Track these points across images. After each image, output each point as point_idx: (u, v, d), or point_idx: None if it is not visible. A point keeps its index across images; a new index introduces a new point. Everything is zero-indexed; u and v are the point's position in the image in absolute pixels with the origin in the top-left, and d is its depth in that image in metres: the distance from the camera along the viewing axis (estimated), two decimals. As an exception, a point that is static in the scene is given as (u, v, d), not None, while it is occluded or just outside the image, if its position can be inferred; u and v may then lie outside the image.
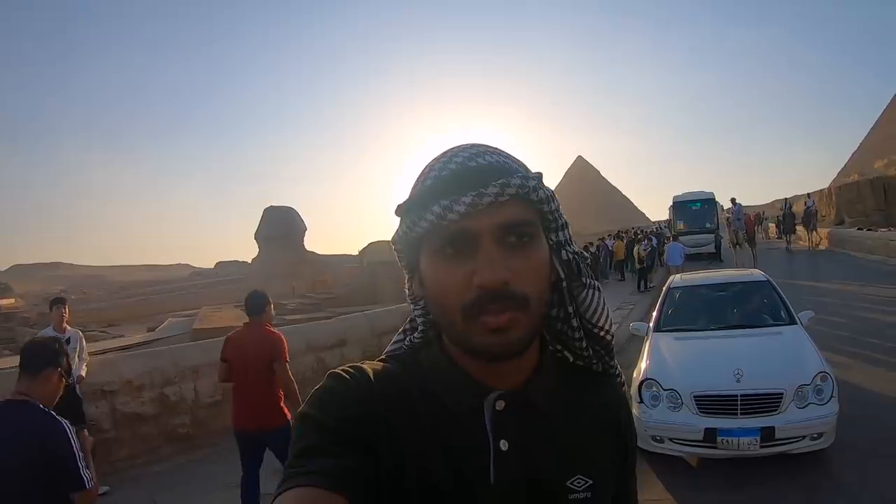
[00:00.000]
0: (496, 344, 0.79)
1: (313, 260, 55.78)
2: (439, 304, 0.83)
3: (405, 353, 0.98)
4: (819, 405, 5.11)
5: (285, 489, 0.73)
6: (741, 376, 5.23)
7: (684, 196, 29.69)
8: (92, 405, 6.53)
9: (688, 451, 5.33)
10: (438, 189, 0.81)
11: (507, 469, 0.84)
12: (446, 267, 0.81)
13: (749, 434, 5.01)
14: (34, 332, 34.64)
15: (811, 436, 5.04)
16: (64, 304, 6.45)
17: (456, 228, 0.79)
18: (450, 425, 0.86)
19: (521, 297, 0.79)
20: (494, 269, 0.77)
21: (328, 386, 0.86)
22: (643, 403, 5.51)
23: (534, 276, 0.82)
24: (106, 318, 41.51)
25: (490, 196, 0.78)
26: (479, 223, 0.79)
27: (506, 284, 0.78)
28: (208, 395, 7.49)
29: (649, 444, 5.44)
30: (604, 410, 1.00)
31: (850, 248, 23.89)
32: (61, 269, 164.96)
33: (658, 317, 7.12)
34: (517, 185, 0.80)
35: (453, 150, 0.87)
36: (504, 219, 0.79)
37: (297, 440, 0.80)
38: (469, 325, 0.80)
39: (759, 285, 7.39)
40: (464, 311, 0.79)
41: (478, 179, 0.79)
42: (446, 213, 0.78)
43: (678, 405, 5.32)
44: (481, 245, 0.79)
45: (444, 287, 0.81)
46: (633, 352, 8.01)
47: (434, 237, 0.82)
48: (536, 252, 0.83)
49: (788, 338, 6.17)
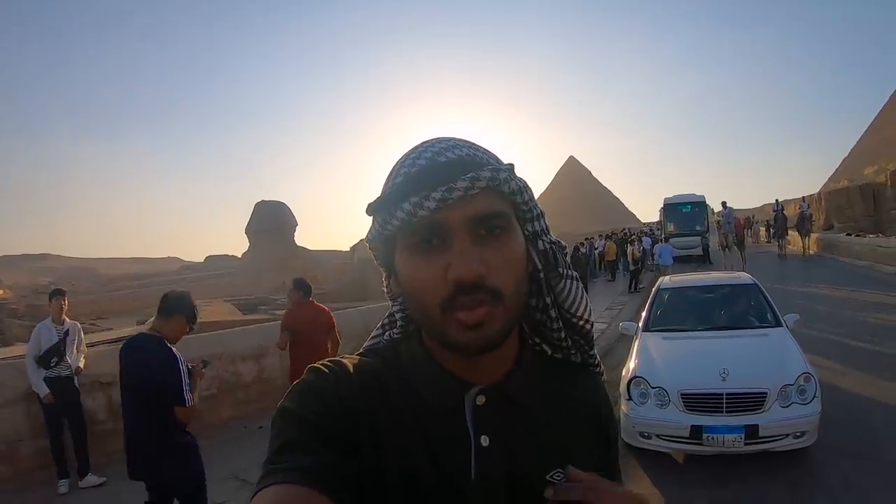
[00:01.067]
0: (472, 339, 0.79)
1: (304, 255, 55.83)
2: (416, 301, 0.83)
3: (385, 348, 0.98)
4: (802, 405, 5.23)
5: (264, 486, 0.72)
6: (727, 375, 5.35)
7: (675, 198, 29.83)
8: (89, 397, 6.53)
9: (674, 447, 5.44)
10: (409, 186, 0.81)
11: (488, 464, 0.85)
12: (420, 263, 0.81)
13: (734, 431, 5.12)
14: (22, 323, 34.51)
15: (794, 434, 5.16)
16: (63, 295, 6.42)
17: (427, 223, 0.79)
18: (430, 420, 0.86)
19: (495, 290, 0.79)
20: (468, 262, 0.77)
21: (308, 380, 0.86)
22: (632, 400, 5.63)
23: (509, 269, 0.81)
24: (94, 311, 41.35)
25: (460, 190, 0.78)
26: (451, 217, 0.78)
27: (481, 278, 0.77)
28: (204, 388, 7.42)
29: (637, 440, 5.57)
30: (584, 402, 1.00)
31: (838, 253, 23.99)
32: (49, 261, 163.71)
33: (647, 317, 7.24)
34: (487, 177, 0.79)
35: (423, 144, 0.86)
36: (475, 211, 0.79)
37: (276, 435, 0.79)
38: (445, 320, 0.80)
39: (747, 288, 7.51)
40: (441, 307, 0.79)
41: (447, 174, 0.79)
42: (416, 210, 0.78)
43: (665, 403, 5.44)
44: (454, 239, 0.79)
45: (419, 283, 0.81)
46: (622, 351, 8.14)
47: (406, 234, 0.81)
48: (511, 244, 0.83)
49: (773, 339, 6.30)
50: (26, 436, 6.10)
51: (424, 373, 0.89)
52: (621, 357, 7.35)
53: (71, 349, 6.20)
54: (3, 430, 5.98)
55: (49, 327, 6.13)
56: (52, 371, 5.98)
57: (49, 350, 6.00)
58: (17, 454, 6.06)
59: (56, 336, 6.09)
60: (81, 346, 6.49)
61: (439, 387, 0.87)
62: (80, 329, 6.55)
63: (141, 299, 47.56)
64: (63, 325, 6.21)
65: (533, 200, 0.89)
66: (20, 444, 6.07)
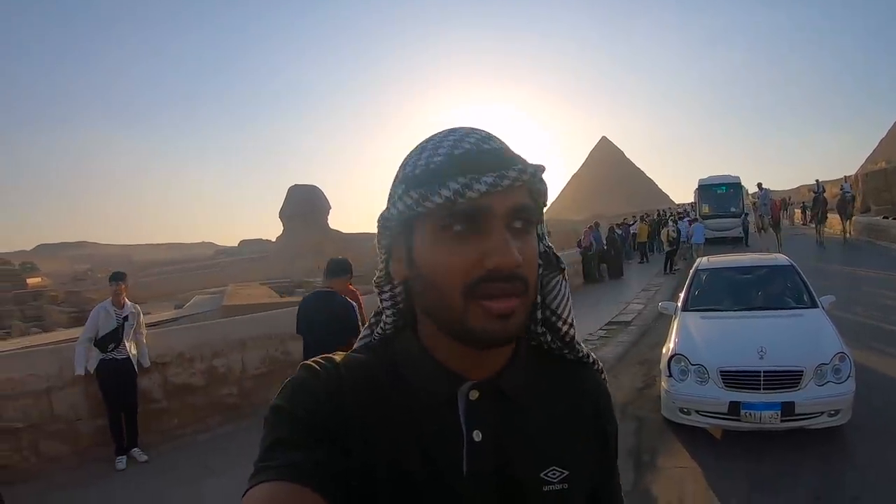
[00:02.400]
0: (499, 330, 0.78)
1: (337, 238, 56.08)
2: (435, 286, 0.80)
3: (377, 343, 0.96)
4: (837, 384, 5.36)
5: (255, 483, 0.73)
6: (764, 354, 5.51)
7: (710, 179, 29.46)
8: (145, 377, 6.68)
9: (713, 422, 5.60)
10: (455, 167, 0.79)
11: (480, 460, 0.84)
12: (453, 246, 0.79)
13: (771, 408, 5.28)
14: (62, 309, 35.26)
15: (829, 412, 5.29)
16: (123, 279, 6.40)
17: (470, 206, 0.77)
18: (422, 415, 0.85)
19: (525, 280, 0.79)
20: (510, 251, 0.76)
21: (299, 377, 0.85)
22: (672, 377, 5.82)
23: (533, 263, 0.83)
24: (131, 297, 42.14)
25: (509, 179, 0.78)
26: (495, 204, 0.78)
27: (518, 267, 0.77)
28: (255, 366, 7.72)
29: (677, 416, 5.77)
30: (580, 399, 0.98)
31: (883, 238, 22.48)
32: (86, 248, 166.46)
33: (686, 297, 7.40)
34: (531, 172, 0.81)
35: (459, 131, 0.85)
36: (516, 203, 0.79)
37: (268, 433, 0.79)
38: (467, 307, 0.78)
39: (784, 269, 7.61)
40: (465, 291, 0.78)
41: (496, 162, 0.79)
42: (465, 191, 0.77)
43: (705, 380, 5.61)
44: (494, 226, 0.78)
45: (446, 267, 0.79)
46: (660, 330, 8.31)
47: (441, 214, 0.79)
48: (533, 240, 0.84)
49: (810, 320, 6.42)
50: (85, 415, 6.28)
51: (417, 366, 0.88)
52: (658, 336, 7.52)
53: (129, 333, 6.27)
54: (63, 410, 6.16)
55: (109, 311, 6.21)
56: (108, 354, 6.09)
57: (108, 335, 6.11)
58: (76, 433, 6.24)
59: (116, 321, 6.18)
60: (142, 329, 6.56)
61: (432, 381, 0.86)
62: (140, 312, 6.60)
63: (176, 284, 48.22)
64: (123, 310, 6.28)
65: (546, 204, 0.90)
66: (79, 423, 6.26)
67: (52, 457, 6.01)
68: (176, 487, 5.62)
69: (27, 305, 40.10)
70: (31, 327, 30.00)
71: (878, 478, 4.78)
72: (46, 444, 6.02)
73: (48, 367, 6.12)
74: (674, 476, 5.12)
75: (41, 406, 5.98)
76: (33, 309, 39.52)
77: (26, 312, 38.40)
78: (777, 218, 22.97)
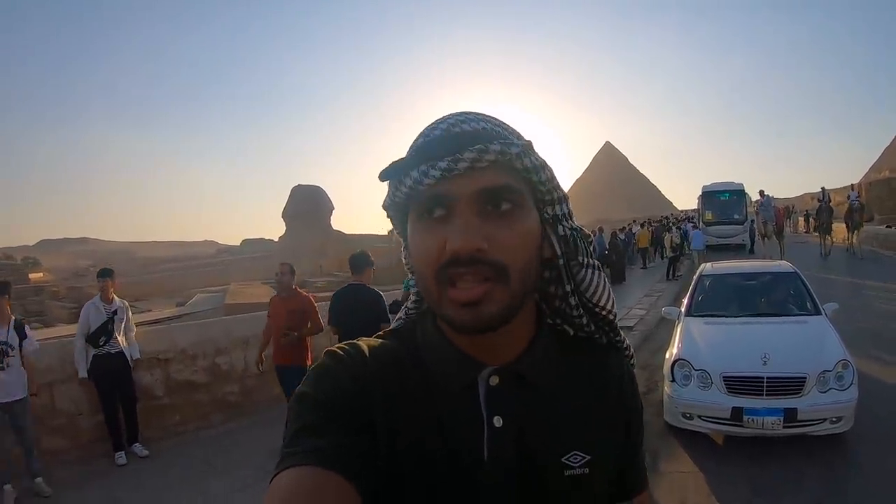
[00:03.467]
0: (469, 318, 0.77)
1: (340, 238, 56.16)
2: (419, 270, 0.83)
3: (402, 328, 0.97)
4: (840, 391, 5.34)
5: (281, 469, 0.73)
6: (768, 360, 5.49)
7: (713, 186, 29.37)
8: (147, 373, 6.76)
9: (715, 427, 5.58)
10: (420, 154, 0.79)
11: (501, 446, 0.84)
12: (423, 233, 0.80)
13: (773, 414, 5.25)
14: (63, 305, 35.24)
15: (831, 419, 5.27)
16: (111, 275, 6.45)
17: (432, 194, 0.78)
18: (444, 400, 0.85)
19: (497, 265, 0.77)
20: (466, 234, 0.75)
21: (324, 364, 0.86)
22: (675, 382, 5.81)
23: (515, 246, 0.79)
24: (133, 293, 42.09)
25: (466, 161, 0.76)
26: (455, 189, 0.77)
27: (479, 252, 0.76)
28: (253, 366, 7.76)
29: (679, 421, 5.75)
30: (605, 383, 0.97)
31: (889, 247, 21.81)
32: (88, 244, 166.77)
33: (690, 302, 7.38)
34: (496, 150, 0.77)
35: (443, 117, 0.85)
36: (483, 185, 0.77)
37: (293, 419, 0.80)
38: (441, 295, 0.79)
39: (787, 276, 7.61)
40: (436, 278, 0.78)
41: (457, 144, 0.77)
42: (422, 179, 0.78)
43: (708, 385, 5.59)
44: (456, 211, 0.77)
45: (421, 252, 0.80)
46: (663, 335, 8.30)
47: (414, 203, 0.81)
48: (520, 222, 0.80)
49: (813, 326, 6.40)
50: (86, 410, 6.29)
51: (437, 352, 0.88)
52: (661, 341, 7.51)
53: (119, 328, 6.30)
54: (64, 405, 6.19)
55: (98, 306, 6.23)
56: (101, 349, 6.11)
57: (98, 329, 6.13)
58: (77, 427, 6.26)
59: (105, 315, 6.20)
60: (130, 325, 6.57)
61: (452, 366, 0.86)
62: (129, 308, 6.62)
63: (178, 281, 48.22)
64: (112, 305, 6.30)
65: (554, 181, 0.86)
66: (80, 417, 6.27)
67: (54, 451, 6.01)
68: (176, 484, 5.63)
69: (28, 300, 40.04)
70: (33, 322, 29.99)
71: (881, 485, 4.77)
72: (48, 438, 6.01)
73: (51, 361, 6.12)
74: (675, 481, 5.11)
75: (43, 400, 5.97)
76: (35, 304, 39.47)
77: (27, 307, 38.36)
78: (781, 225, 22.80)
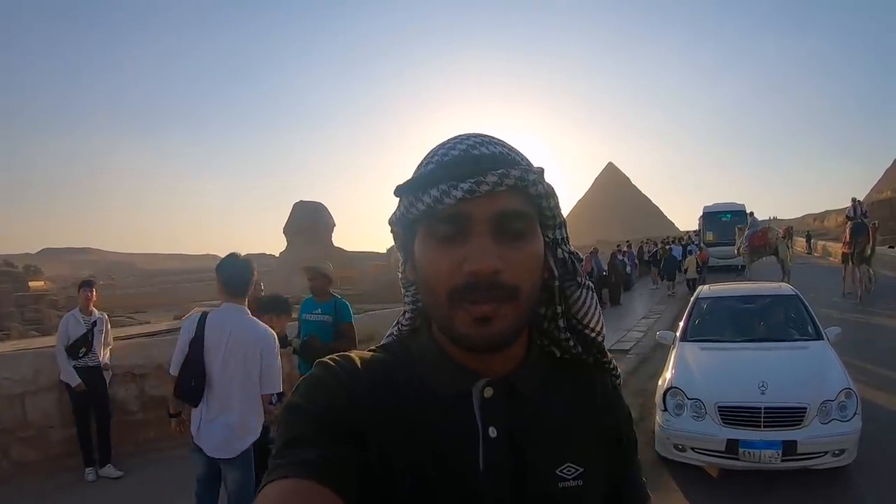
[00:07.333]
0: (479, 335, 0.79)
1: (340, 255, 56.25)
2: (429, 288, 0.83)
3: (395, 342, 0.98)
4: (842, 422, 5.11)
5: (270, 480, 0.73)
6: (766, 389, 5.26)
7: (715, 207, 29.47)
8: (122, 387, 6.65)
9: (709, 460, 5.35)
10: (439, 174, 0.81)
11: (496, 456, 0.84)
12: (438, 250, 0.81)
13: (771, 447, 5.02)
14: (61, 314, 35.32)
15: (833, 452, 5.04)
16: (92, 286, 6.45)
17: (451, 213, 0.79)
18: (438, 412, 0.85)
19: (511, 287, 0.79)
20: (486, 256, 0.77)
21: (315, 375, 0.86)
22: (667, 412, 5.56)
23: (526, 269, 0.81)
24: (133, 305, 42.10)
25: (488, 185, 0.78)
26: (476, 210, 0.78)
27: (496, 273, 0.77)
28: None
29: (671, 453, 5.50)
30: (594, 400, 0.99)
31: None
32: (90, 254, 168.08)
33: (685, 326, 7.15)
34: (517, 176, 0.80)
35: (458, 137, 0.86)
36: (501, 208, 0.79)
37: (284, 430, 0.80)
38: (454, 312, 0.79)
39: (788, 299, 7.39)
40: (449, 296, 0.79)
41: (478, 167, 0.79)
42: (443, 198, 0.78)
43: (702, 415, 5.35)
44: (474, 232, 0.78)
45: (434, 271, 0.81)
46: (659, 360, 8.05)
47: (429, 221, 0.82)
48: (531, 246, 0.83)
49: (814, 353, 6.17)
50: (57, 423, 6.22)
51: (433, 364, 0.89)
52: (657, 366, 7.28)
53: (99, 340, 6.24)
54: (36, 417, 6.12)
55: (77, 318, 6.19)
56: (80, 361, 6.05)
57: (77, 340, 6.06)
58: (47, 440, 6.19)
59: (84, 327, 6.15)
60: (108, 339, 6.53)
61: (447, 377, 0.87)
62: (108, 321, 6.59)
63: (178, 294, 48.34)
64: (91, 317, 6.26)
65: (558, 207, 0.89)
66: (51, 430, 6.20)
67: (23, 463, 6.01)
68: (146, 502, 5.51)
69: (27, 308, 40.10)
70: (30, 330, 30.02)
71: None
72: (18, 449, 6.02)
73: (25, 371, 6.11)
74: (667, 517, 4.85)
75: (15, 410, 5.98)
76: (33, 312, 39.54)
77: (26, 315, 38.39)
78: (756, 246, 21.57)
